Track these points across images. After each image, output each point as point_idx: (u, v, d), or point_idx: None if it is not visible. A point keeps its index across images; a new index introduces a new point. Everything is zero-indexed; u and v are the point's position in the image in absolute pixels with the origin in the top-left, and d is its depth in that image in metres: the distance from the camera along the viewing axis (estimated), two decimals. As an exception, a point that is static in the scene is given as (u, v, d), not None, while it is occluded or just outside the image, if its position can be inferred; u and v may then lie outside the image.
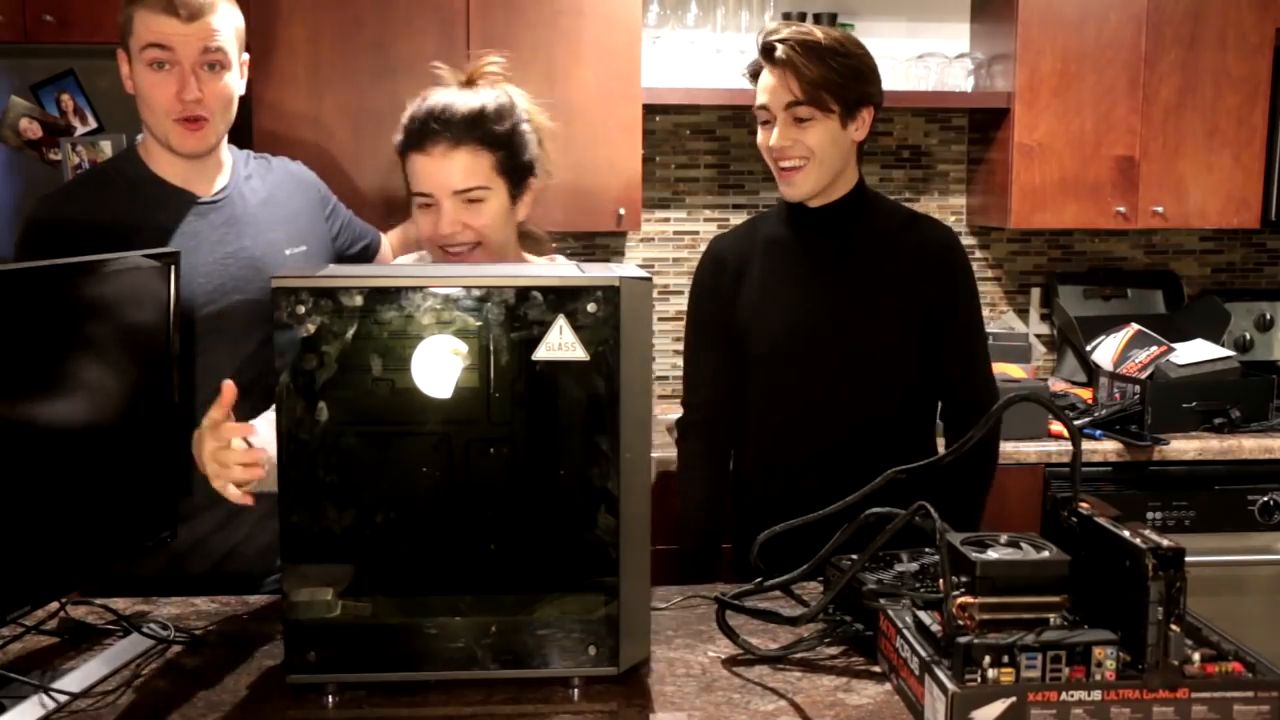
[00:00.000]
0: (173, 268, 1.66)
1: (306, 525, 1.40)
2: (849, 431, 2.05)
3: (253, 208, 2.03)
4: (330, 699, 1.42)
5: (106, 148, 2.88)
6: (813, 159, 2.03)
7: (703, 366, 2.18)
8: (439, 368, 1.40)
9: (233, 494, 1.56)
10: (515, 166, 1.88)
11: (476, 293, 1.40)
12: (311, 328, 1.38)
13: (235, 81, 1.96)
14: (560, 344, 1.40)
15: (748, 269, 2.13)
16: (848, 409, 2.05)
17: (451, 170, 1.83)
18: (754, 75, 2.10)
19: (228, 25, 1.93)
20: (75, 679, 1.46)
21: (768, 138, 2.06)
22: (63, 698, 1.41)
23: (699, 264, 2.23)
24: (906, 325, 2.05)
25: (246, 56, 2.00)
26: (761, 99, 2.06)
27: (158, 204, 1.94)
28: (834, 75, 2.00)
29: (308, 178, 2.19)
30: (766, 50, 2.04)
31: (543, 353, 1.41)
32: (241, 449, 1.55)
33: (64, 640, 1.60)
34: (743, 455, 2.16)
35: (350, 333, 1.39)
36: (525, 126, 1.91)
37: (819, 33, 2.04)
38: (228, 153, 2.03)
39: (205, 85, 1.89)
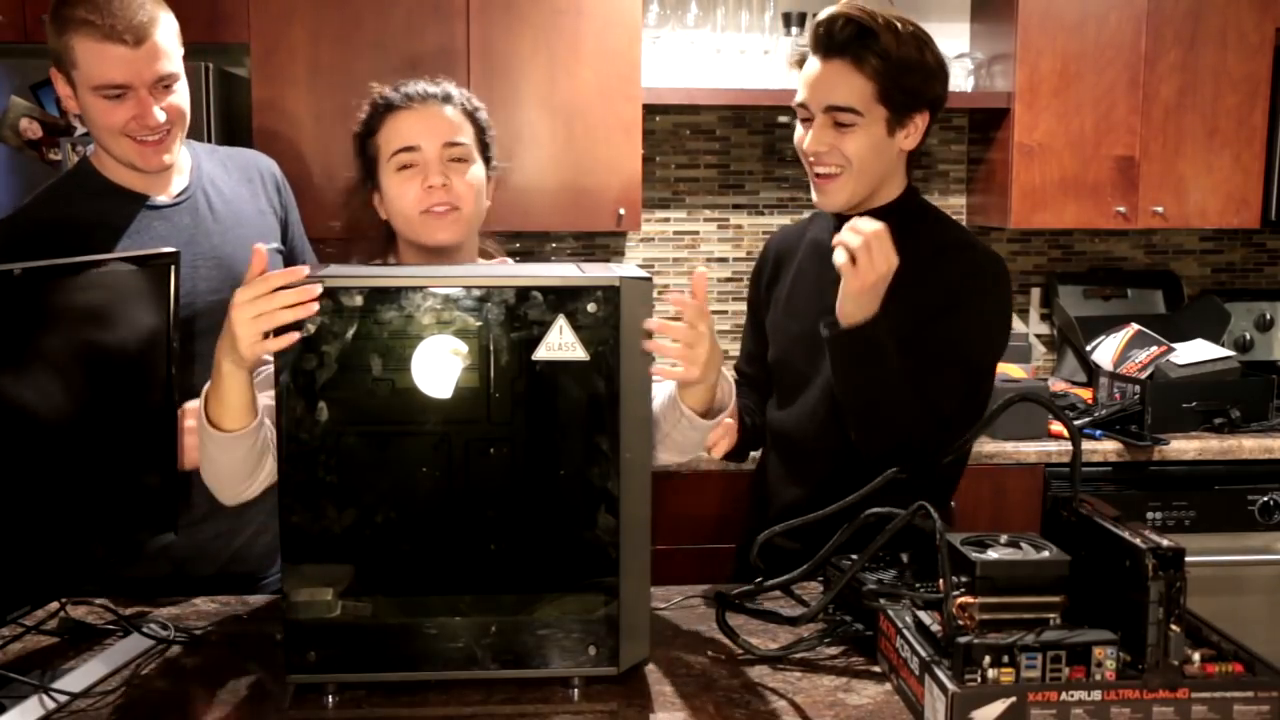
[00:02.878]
0: (172, 268, 1.66)
1: (306, 525, 1.40)
2: (838, 460, 1.85)
3: (217, 206, 2.00)
4: (330, 699, 1.42)
5: (106, 148, 2.88)
6: (849, 169, 1.81)
7: (746, 344, 2.13)
8: (439, 368, 1.40)
9: (274, 345, 1.38)
10: (485, 146, 1.85)
11: (476, 293, 1.40)
12: (311, 328, 1.38)
13: (185, 89, 1.91)
14: (560, 344, 1.40)
15: (785, 269, 2.02)
16: (839, 438, 1.84)
17: (441, 123, 1.78)
18: (799, 63, 1.88)
19: (170, 37, 1.86)
20: (75, 679, 1.46)
21: (804, 138, 1.86)
22: (63, 698, 1.41)
23: None
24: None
25: (182, 51, 1.92)
26: (801, 95, 1.85)
27: (118, 211, 1.91)
28: (888, 76, 1.78)
29: (266, 165, 2.14)
30: (818, 38, 1.81)
31: (543, 353, 1.41)
32: (290, 292, 1.38)
33: (64, 640, 1.60)
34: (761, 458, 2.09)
35: (350, 333, 1.39)
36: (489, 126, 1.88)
37: (882, 20, 1.78)
38: (186, 153, 1.99)
39: (161, 103, 1.85)
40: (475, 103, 1.85)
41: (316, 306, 1.38)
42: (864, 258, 1.66)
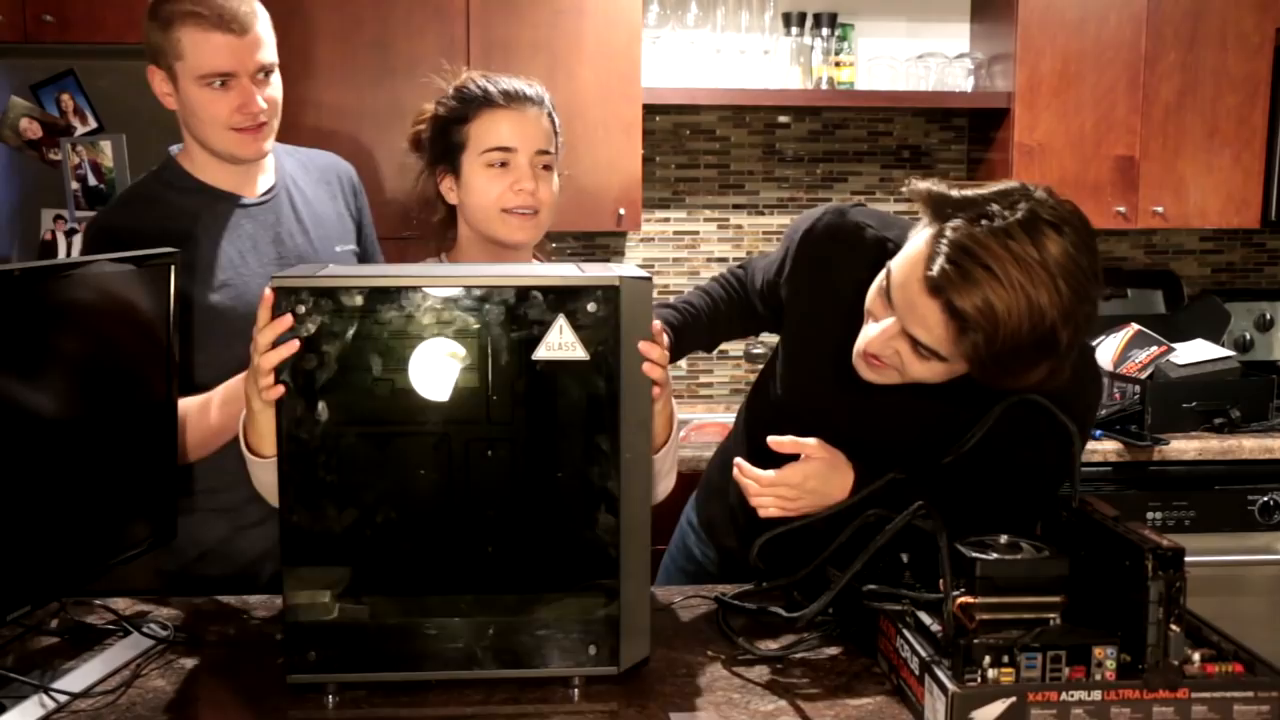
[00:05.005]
0: (172, 268, 1.66)
1: (306, 525, 1.40)
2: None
3: (300, 206, 2.03)
4: (330, 699, 1.42)
5: (106, 148, 2.88)
6: (902, 375, 1.53)
7: (724, 305, 1.90)
8: (436, 370, 1.40)
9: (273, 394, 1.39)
10: (557, 150, 1.90)
11: (477, 293, 1.40)
12: (312, 328, 1.38)
13: (280, 81, 1.97)
14: (560, 344, 1.40)
15: (821, 284, 1.72)
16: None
17: (537, 129, 1.83)
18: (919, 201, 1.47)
19: (268, 28, 1.92)
20: (75, 679, 1.46)
21: (871, 324, 1.53)
22: (63, 698, 1.41)
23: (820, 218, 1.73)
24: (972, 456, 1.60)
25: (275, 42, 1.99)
26: (894, 280, 1.47)
27: (209, 210, 1.94)
28: (990, 361, 1.41)
29: (344, 169, 2.18)
30: (931, 277, 1.40)
31: (543, 352, 1.41)
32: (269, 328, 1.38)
33: (64, 640, 1.60)
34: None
35: (350, 333, 1.39)
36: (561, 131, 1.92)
37: (1014, 292, 1.36)
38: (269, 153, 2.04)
39: (262, 94, 1.90)
40: (551, 103, 1.88)
41: (296, 345, 1.37)
42: (788, 506, 1.59)
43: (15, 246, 2.92)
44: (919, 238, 1.46)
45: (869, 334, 1.53)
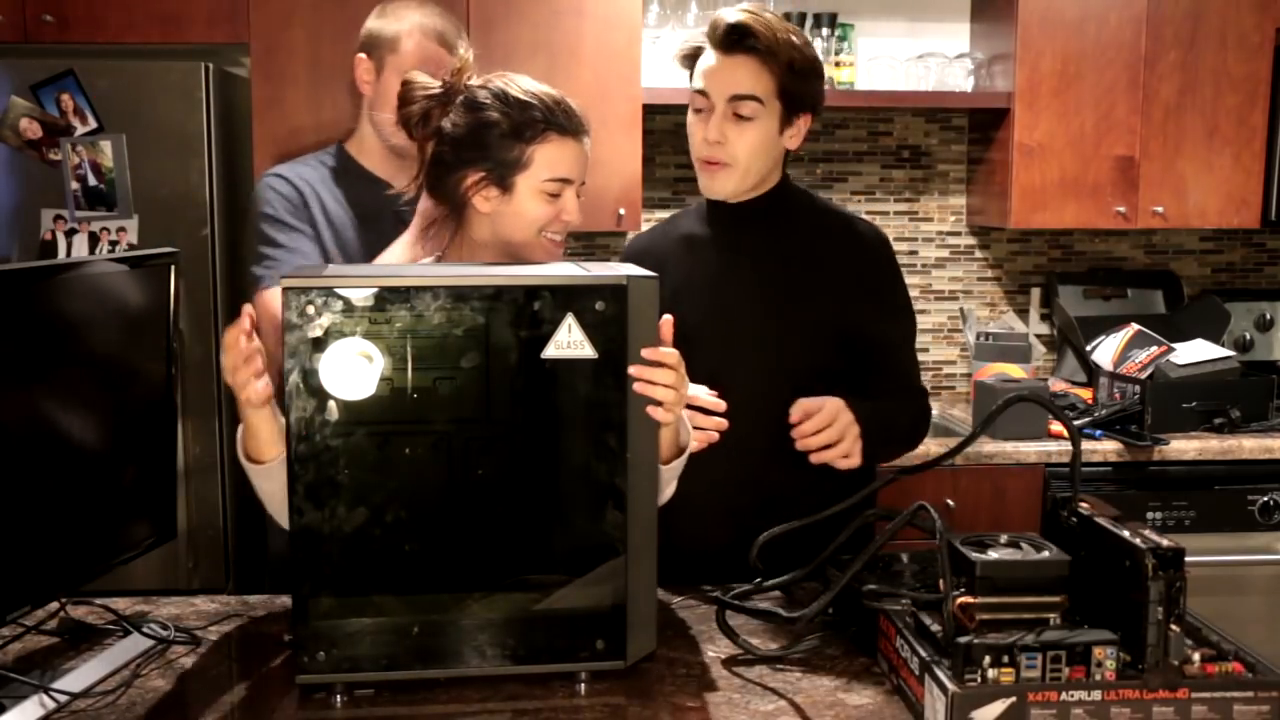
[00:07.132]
0: (172, 268, 1.66)
1: (316, 524, 1.40)
2: (766, 425, 1.86)
3: None
4: (338, 698, 1.42)
5: (106, 148, 2.88)
6: (737, 164, 1.92)
7: None
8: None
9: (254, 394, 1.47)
10: None
11: (486, 292, 1.41)
12: (320, 329, 1.38)
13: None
14: (569, 342, 1.41)
15: (663, 266, 1.87)
16: (763, 403, 1.87)
17: (584, 160, 1.78)
18: (690, 58, 1.98)
19: None
20: (75, 679, 1.46)
21: (701, 128, 1.93)
22: (63, 698, 1.41)
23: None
24: (828, 325, 1.93)
25: None
26: (700, 83, 1.93)
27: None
28: (788, 75, 1.89)
29: None
30: (724, 36, 1.91)
31: (552, 351, 1.42)
32: (242, 346, 1.45)
33: (64, 640, 1.60)
34: None
35: (360, 332, 1.39)
36: None
37: (782, 28, 1.91)
38: None
39: None
40: None
41: (260, 364, 1.45)
42: (838, 452, 1.80)
43: (15, 246, 2.92)
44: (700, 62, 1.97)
45: (702, 132, 1.93)
